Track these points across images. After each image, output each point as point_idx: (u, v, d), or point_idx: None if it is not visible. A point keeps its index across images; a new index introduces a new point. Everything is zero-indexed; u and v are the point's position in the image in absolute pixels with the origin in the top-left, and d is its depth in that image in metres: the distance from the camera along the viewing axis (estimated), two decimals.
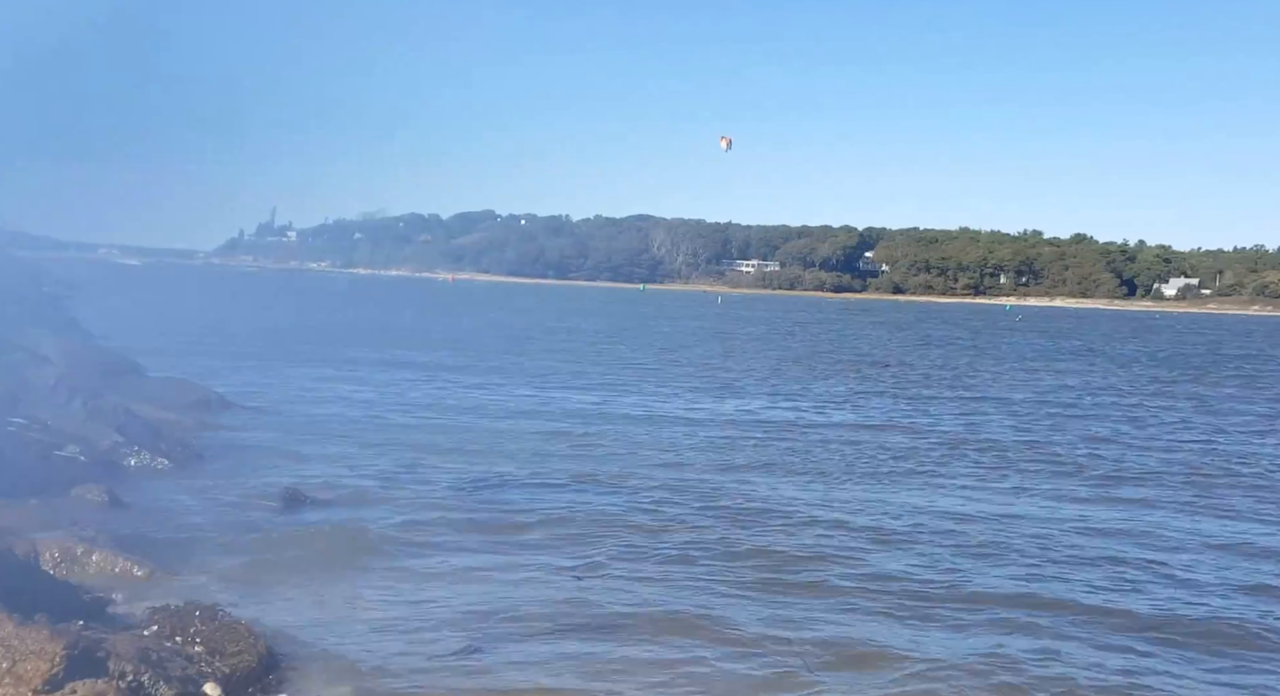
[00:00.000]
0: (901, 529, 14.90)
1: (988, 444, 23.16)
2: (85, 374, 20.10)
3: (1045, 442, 23.68)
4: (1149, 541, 14.88)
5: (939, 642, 10.37)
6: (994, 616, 11.24)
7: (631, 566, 12.50)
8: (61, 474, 13.95)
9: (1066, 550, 14.09)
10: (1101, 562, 13.57)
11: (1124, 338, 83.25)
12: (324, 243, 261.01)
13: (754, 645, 10.08)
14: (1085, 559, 13.70)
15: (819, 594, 11.79)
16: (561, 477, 17.39)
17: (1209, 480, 19.94)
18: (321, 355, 36.96)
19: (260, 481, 15.71)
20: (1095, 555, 13.91)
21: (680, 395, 30.38)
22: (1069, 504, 17.23)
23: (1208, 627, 11.23)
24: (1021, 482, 18.89)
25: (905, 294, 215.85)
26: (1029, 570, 13.07)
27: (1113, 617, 11.42)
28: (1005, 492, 17.96)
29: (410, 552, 12.64)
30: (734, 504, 15.93)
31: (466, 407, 25.49)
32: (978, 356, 53.21)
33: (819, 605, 11.42)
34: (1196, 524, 16.19)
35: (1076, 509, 16.85)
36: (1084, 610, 11.61)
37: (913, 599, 11.69)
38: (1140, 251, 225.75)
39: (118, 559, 11.09)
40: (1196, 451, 23.54)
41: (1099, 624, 11.21)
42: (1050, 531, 15.12)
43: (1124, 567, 13.40)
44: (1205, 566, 13.71)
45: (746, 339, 61.98)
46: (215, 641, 8.56)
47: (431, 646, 9.65)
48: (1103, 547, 14.34)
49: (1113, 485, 19.03)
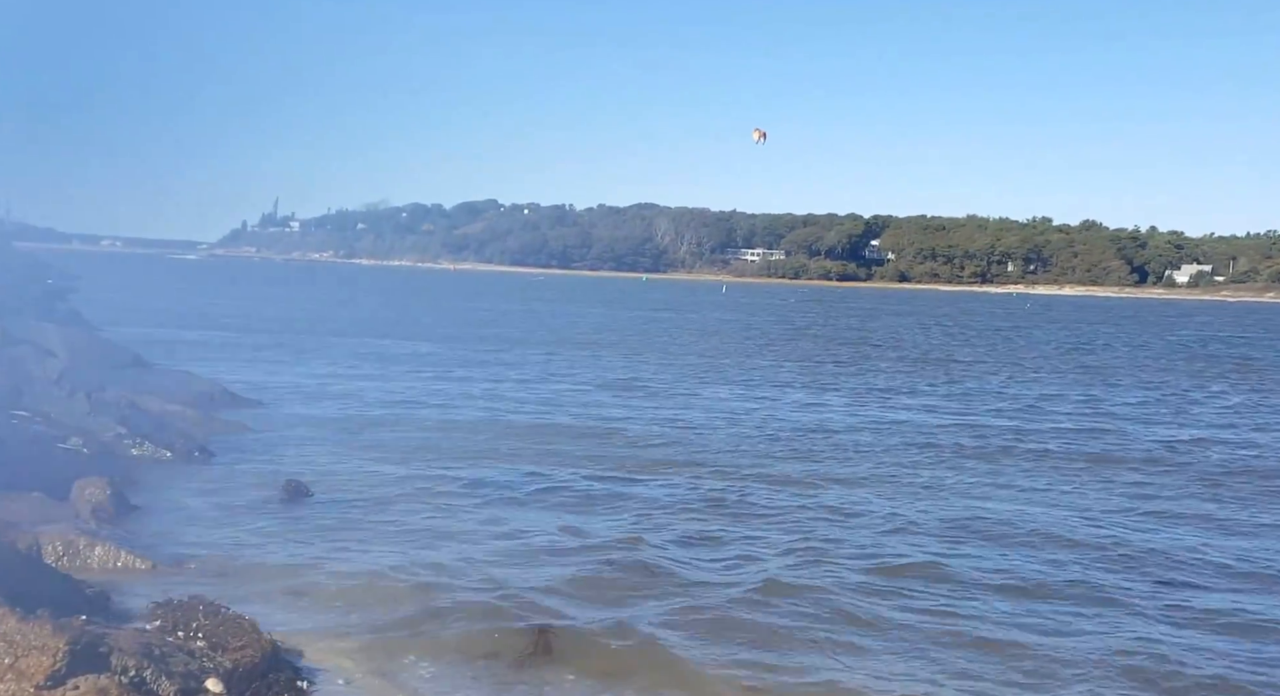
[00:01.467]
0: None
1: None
2: (89, 366, 20.10)
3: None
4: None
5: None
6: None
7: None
8: (65, 466, 13.91)
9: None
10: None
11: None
12: (327, 233, 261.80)
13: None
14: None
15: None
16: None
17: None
18: (330, 346, 36.99)
19: (264, 474, 15.69)
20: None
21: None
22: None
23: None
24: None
25: (911, 282, 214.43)
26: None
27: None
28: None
29: (416, 544, 12.60)
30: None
31: (475, 399, 25.47)
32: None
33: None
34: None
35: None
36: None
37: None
38: (1151, 238, 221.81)
39: (120, 552, 11.06)
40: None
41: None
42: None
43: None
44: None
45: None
46: (218, 636, 8.53)
47: (441, 637, 9.63)
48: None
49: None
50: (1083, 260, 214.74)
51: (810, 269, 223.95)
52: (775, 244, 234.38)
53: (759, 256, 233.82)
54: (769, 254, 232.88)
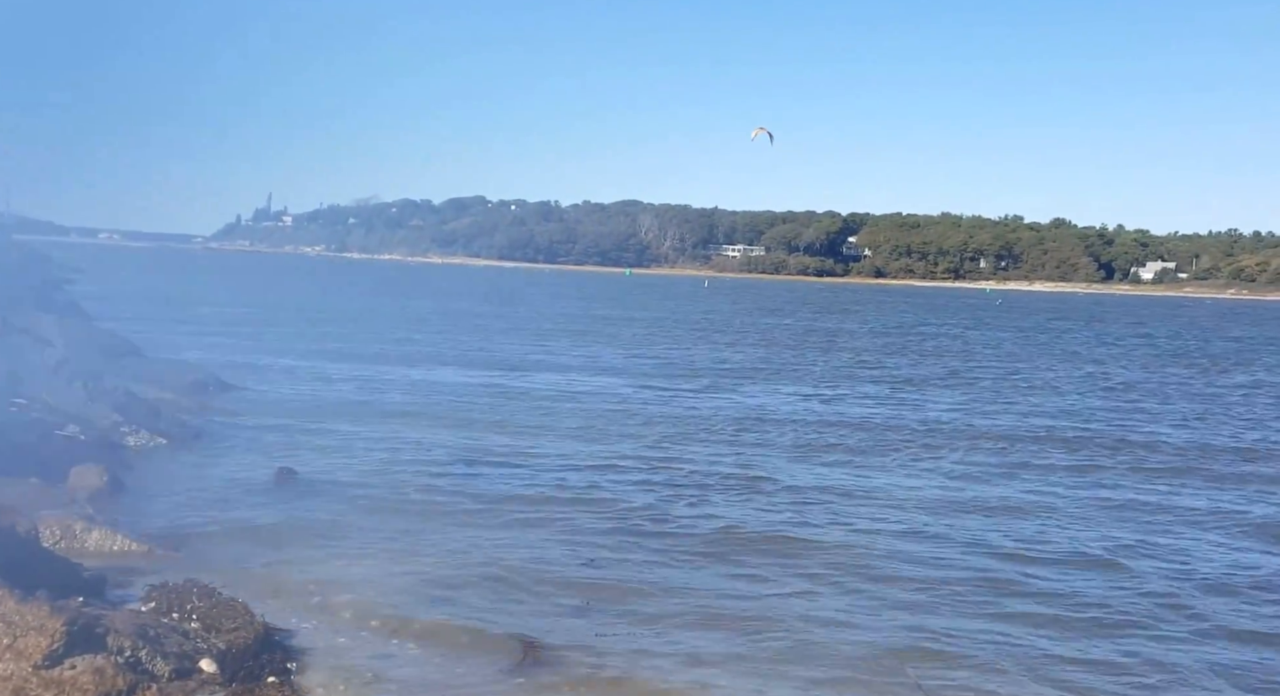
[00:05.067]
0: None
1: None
2: (86, 356, 20.26)
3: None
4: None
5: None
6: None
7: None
8: (62, 453, 14.09)
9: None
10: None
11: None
12: (319, 227, 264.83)
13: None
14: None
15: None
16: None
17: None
18: (325, 337, 37.13)
19: (257, 461, 15.90)
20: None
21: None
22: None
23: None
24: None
25: (887, 278, 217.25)
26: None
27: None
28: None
29: (408, 529, 12.78)
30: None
31: (464, 389, 25.65)
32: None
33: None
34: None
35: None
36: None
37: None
38: (1118, 236, 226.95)
39: (116, 536, 11.24)
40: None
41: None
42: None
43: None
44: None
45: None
46: (212, 618, 8.69)
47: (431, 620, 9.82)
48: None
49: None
50: (1052, 257, 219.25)
51: (789, 265, 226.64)
52: (755, 240, 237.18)
53: (740, 252, 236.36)
54: (749, 250, 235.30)
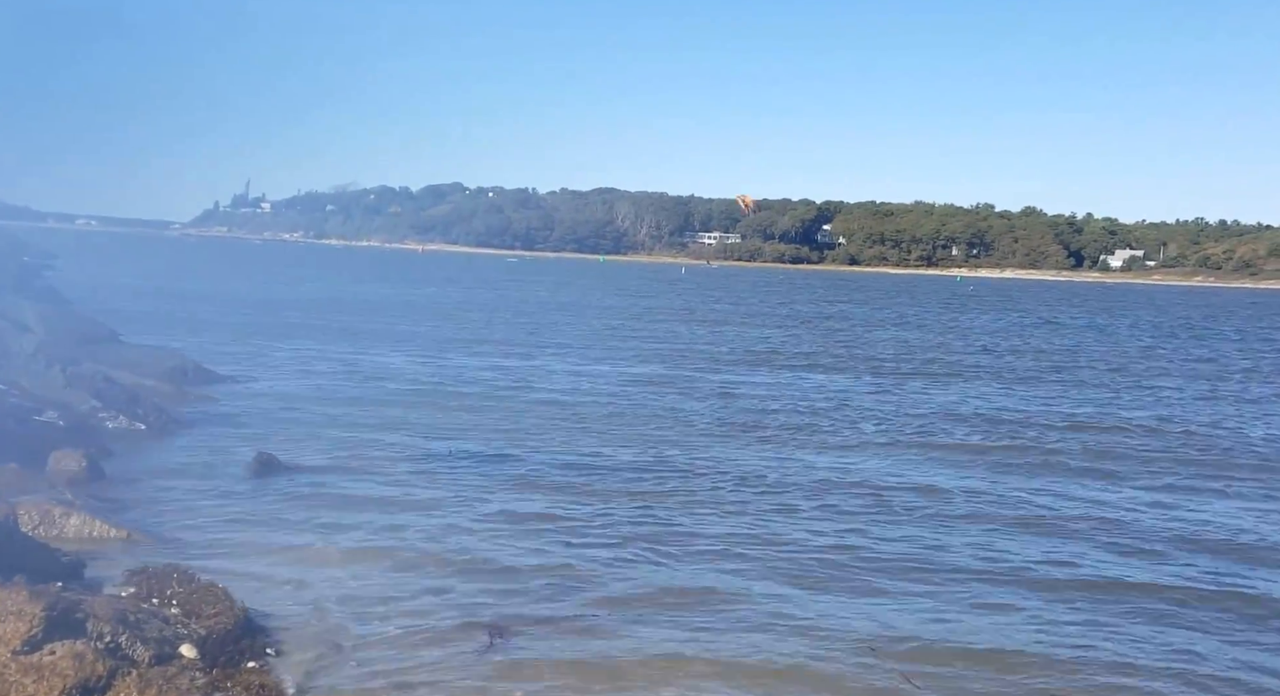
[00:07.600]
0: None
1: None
2: (64, 341, 20.15)
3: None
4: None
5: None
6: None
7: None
8: (40, 438, 14.04)
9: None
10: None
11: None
12: (297, 214, 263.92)
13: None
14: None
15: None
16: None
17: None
18: (306, 324, 37.01)
19: (235, 446, 15.89)
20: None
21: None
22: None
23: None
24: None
25: (861, 265, 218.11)
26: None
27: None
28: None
29: (385, 515, 12.81)
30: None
31: (443, 378, 25.66)
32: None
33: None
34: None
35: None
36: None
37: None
38: (1087, 224, 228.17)
39: (95, 522, 11.22)
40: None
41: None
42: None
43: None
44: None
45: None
46: (192, 603, 8.72)
47: (407, 605, 9.85)
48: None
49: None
50: (1023, 245, 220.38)
51: (765, 252, 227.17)
52: (731, 227, 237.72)
53: (715, 240, 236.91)
54: (725, 237, 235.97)
